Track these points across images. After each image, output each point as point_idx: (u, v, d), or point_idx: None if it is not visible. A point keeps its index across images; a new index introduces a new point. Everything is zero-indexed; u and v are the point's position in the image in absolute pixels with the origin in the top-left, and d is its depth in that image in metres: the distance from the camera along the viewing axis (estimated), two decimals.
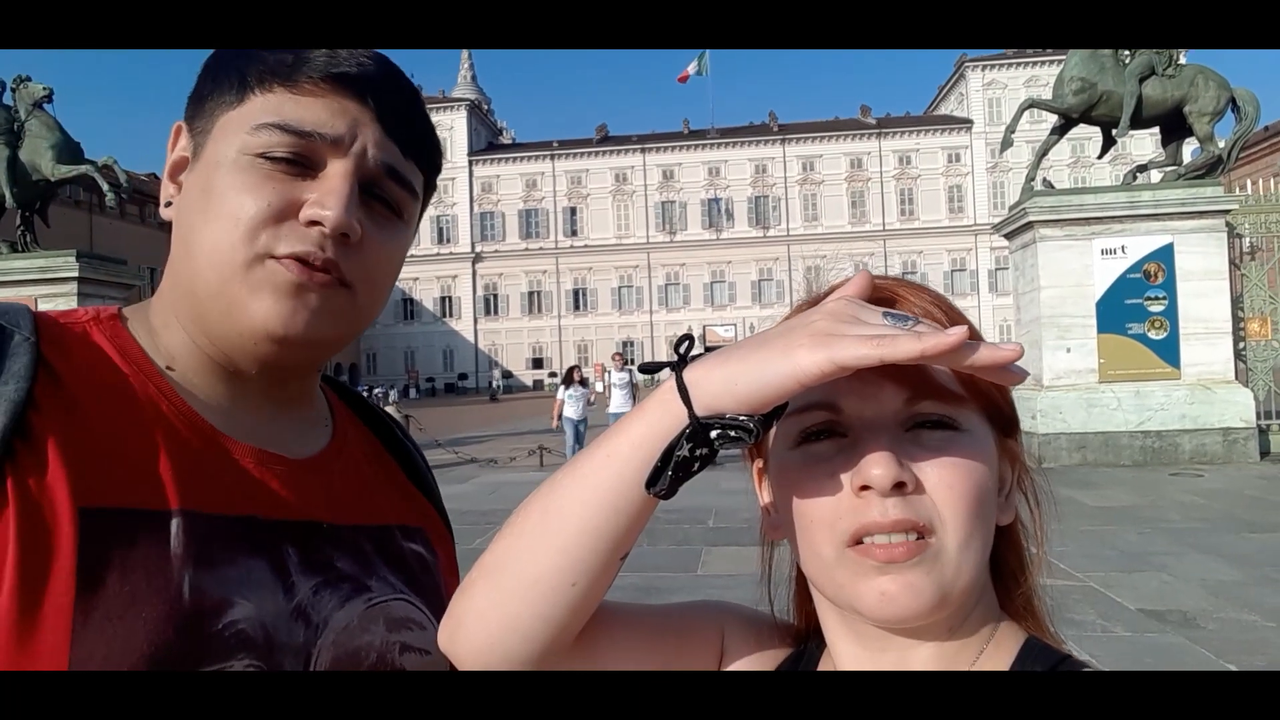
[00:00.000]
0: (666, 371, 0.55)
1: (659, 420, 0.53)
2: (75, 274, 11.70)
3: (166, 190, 0.72)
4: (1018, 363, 0.49)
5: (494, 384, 57.50)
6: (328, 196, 0.66)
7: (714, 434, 0.51)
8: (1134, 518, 7.80)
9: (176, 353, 0.70)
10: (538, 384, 64.74)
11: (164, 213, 0.72)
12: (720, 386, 0.51)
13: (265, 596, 0.64)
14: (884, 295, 0.59)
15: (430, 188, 0.78)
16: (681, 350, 0.56)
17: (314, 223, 0.66)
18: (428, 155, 0.75)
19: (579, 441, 12.47)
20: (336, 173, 0.67)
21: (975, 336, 0.49)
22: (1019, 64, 62.79)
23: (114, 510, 0.59)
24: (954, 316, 0.59)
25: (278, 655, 0.64)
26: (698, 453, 0.52)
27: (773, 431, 0.59)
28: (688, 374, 0.53)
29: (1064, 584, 5.58)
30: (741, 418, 0.51)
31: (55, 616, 0.55)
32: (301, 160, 0.67)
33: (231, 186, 0.66)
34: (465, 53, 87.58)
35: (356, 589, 0.71)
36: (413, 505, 0.84)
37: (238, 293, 0.66)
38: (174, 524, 0.61)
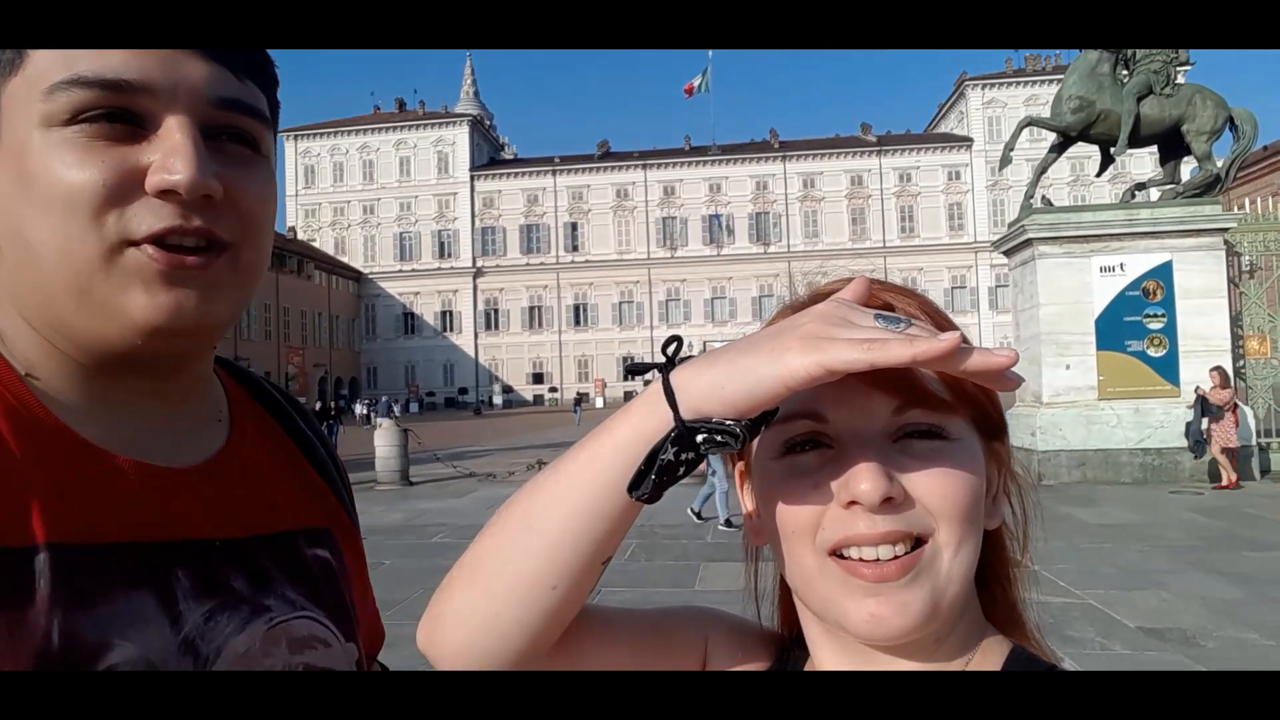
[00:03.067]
0: (654, 373, 0.54)
1: (644, 422, 0.52)
2: None
3: None
4: (1012, 369, 0.47)
5: (490, 399, 57.26)
6: (171, 157, 0.56)
7: (700, 439, 0.50)
8: (1134, 535, 7.77)
9: (35, 359, 0.60)
10: (538, 399, 64.63)
11: None
12: (707, 390, 0.50)
13: (149, 632, 0.56)
14: (875, 301, 0.57)
15: (274, 105, 0.66)
16: (669, 352, 0.54)
17: (166, 191, 0.56)
18: (260, 66, 0.63)
19: None
20: (173, 126, 0.57)
21: (965, 343, 0.48)
22: (1018, 83, 63.15)
23: None
24: (944, 325, 0.57)
25: None
26: (683, 457, 0.50)
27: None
28: (675, 376, 0.52)
29: (1063, 601, 5.56)
30: (728, 423, 0.49)
31: None
32: (125, 116, 0.56)
33: (52, 169, 0.55)
34: (468, 67, 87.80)
35: (256, 610, 0.63)
36: (318, 502, 0.75)
37: (104, 290, 0.57)
38: (39, 560, 0.52)
